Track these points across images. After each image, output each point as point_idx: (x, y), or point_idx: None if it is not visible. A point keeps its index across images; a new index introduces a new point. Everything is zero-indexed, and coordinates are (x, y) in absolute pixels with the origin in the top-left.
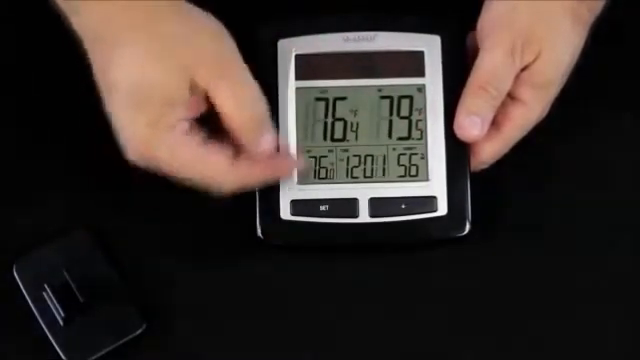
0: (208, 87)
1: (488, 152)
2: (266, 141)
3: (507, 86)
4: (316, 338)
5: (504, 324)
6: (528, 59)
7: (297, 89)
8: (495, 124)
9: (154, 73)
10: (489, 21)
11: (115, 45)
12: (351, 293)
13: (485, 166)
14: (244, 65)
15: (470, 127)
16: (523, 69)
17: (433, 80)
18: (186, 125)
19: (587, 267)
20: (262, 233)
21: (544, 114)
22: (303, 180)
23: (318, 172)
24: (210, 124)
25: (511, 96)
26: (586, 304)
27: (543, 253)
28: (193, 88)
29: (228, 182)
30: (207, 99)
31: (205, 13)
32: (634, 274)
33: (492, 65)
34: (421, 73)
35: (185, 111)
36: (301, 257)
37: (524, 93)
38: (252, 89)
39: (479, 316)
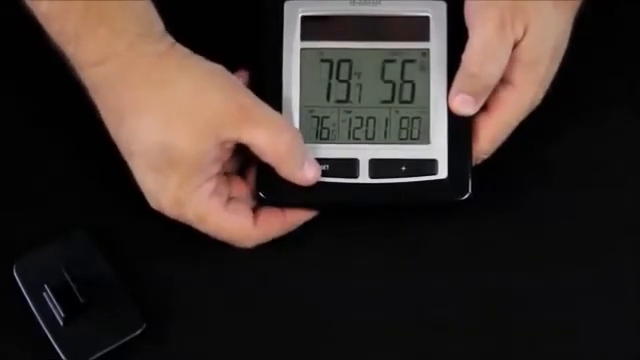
0: (239, 136)
1: (483, 140)
2: (310, 169)
3: (504, 59)
4: (316, 339)
5: (503, 324)
6: (519, 32)
7: (302, 50)
8: (487, 110)
9: (179, 141)
10: (475, 2)
11: (128, 111)
12: (352, 293)
13: (485, 156)
14: (258, 99)
15: (461, 106)
16: (513, 47)
17: (438, 45)
18: (212, 184)
19: (587, 265)
20: (262, 192)
21: (537, 99)
22: (305, 139)
23: (320, 132)
24: (237, 161)
25: (502, 80)
26: (586, 303)
27: (543, 253)
28: (223, 143)
29: (251, 240)
30: (235, 146)
31: (202, 59)
32: (634, 273)
33: (484, 40)
34: (426, 38)
35: (213, 168)
36: (301, 258)
37: (514, 74)
38: (278, 119)
39: (479, 316)
